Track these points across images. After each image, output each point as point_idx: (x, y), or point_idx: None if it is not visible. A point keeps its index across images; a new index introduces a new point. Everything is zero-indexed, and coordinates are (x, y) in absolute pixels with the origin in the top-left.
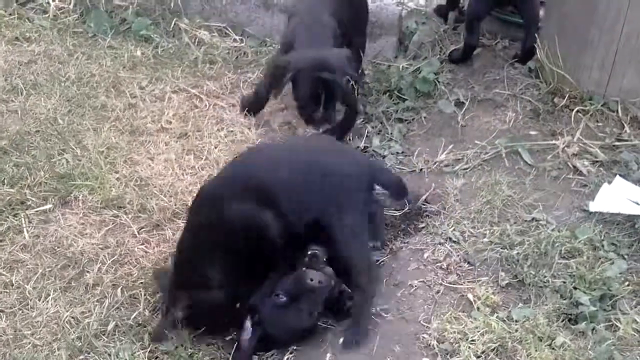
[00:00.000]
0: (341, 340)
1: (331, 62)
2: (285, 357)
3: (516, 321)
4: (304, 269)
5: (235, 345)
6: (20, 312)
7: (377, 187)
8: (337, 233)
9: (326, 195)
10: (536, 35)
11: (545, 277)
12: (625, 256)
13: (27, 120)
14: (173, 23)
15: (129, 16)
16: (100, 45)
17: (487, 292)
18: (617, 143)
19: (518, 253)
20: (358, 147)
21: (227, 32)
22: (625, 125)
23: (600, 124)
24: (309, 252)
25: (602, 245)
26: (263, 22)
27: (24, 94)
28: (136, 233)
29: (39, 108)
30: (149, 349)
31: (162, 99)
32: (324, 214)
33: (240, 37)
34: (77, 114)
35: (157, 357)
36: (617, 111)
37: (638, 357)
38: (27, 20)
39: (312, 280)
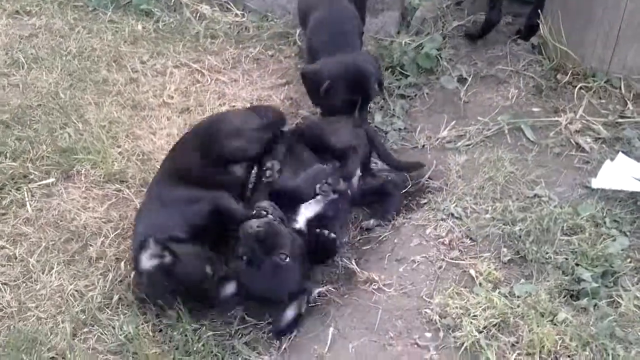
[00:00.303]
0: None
1: (365, 68)
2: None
3: (518, 297)
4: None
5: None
6: (24, 285)
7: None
8: None
9: None
10: (540, 12)
11: (547, 253)
12: (627, 233)
13: (29, 94)
14: None
15: None
16: (101, 20)
17: (489, 268)
18: (620, 120)
19: (520, 229)
20: None
21: (229, 6)
22: (628, 102)
23: (603, 100)
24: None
25: (604, 222)
26: None
27: (25, 67)
28: (139, 207)
29: (40, 82)
30: (152, 322)
31: (164, 73)
32: None
33: (242, 12)
34: (78, 88)
35: (161, 330)
36: (620, 88)
37: (639, 333)
38: None
39: (251, 228)
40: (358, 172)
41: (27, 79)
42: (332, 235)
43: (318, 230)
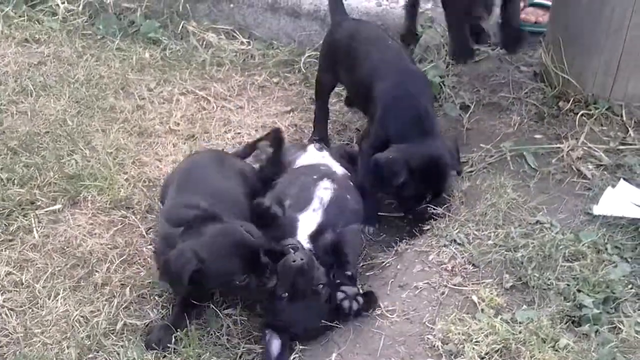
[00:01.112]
0: None
1: (445, 163)
2: (292, 357)
3: (520, 323)
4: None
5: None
6: (30, 310)
7: None
8: None
9: None
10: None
11: (549, 279)
12: (629, 259)
13: (37, 121)
14: (181, 26)
15: (138, 19)
16: (108, 47)
17: (491, 294)
18: (621, 147)
19: (522, 255)
20: None
21: (235, 34)
22: (629, 129)
23: (604, 127)
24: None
25: (606, 249)
26: (270, 24)
27: (33, 95)
28: (144, 233)
29: (48, 109)
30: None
31: (170, 100)
32: None
33: (248, 40)
34: (86, 115)
35: (165, 357)
36: (622, 115)
37: None
38: (36, 22)
39: (294, 262)
40: None
41: (35, 107)
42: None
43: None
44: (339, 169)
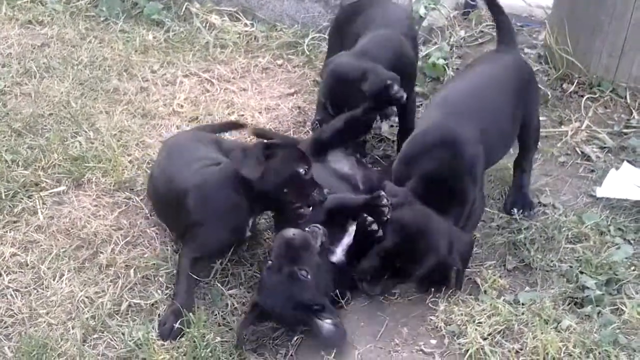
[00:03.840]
0: None
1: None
2: (295, 337)
3: (522, 304)
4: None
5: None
6: (35, 291)
7: None
8: None
9: None
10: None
11: (551, 261)
12: (632, 241)
13: (41, 103)
14: (184, 7)
15: (141, 0)
16: (112, 29)
17: (494, 275)
18: (625, 130)
19: (525, 237)
20: None
21: (238, 16)
22: (633, 111)
23: (608, 110)
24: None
25: (609, 230)
26: (273, 6)
27: (37, 77)
28: (148, 215)
29: (52, 91)
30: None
31: (174, 82)
32: None
33: (251, 22)
34: (89, 97)
35: None
36: (626, 97)
37: None
38: (40, 3)
39: (287, 233)
40: None
41: (39, 88)
42: None
43: None
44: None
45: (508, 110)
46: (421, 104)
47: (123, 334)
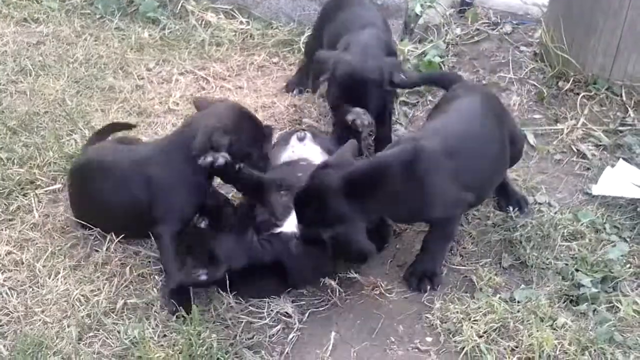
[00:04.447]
0: None
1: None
2: (291, 335)
3: (518, 302)
4: None
5: None
6: (31, 289)
7: None
8: None
9: None
10: None
11: (547, 259)
12: (627, 239)
13: (36, 101)
14: (180, 5)
15: None
16: (107, 27)
17: (489, 273)
18: (621, 127)
19: (521, 235)
20: None
21: (234, 14)
22: (629, 109)
23: (604, 108)
24: None
25: (604, 228)
26: (269, 4)
27: (32, 74)
28: None
29: (47, 89)
30: (159, 328)
31: (169, 80)
32: None
33: (247, 20)
34: (85, 95)
35: (165, 335)
36: (622, 95)
37: (638, 338)
38: (35, 1)
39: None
40: None
41: (34, 86)
42: None
43: None
44: (318, 157)
45: None
46: (418, 102)
47: (119, 332)
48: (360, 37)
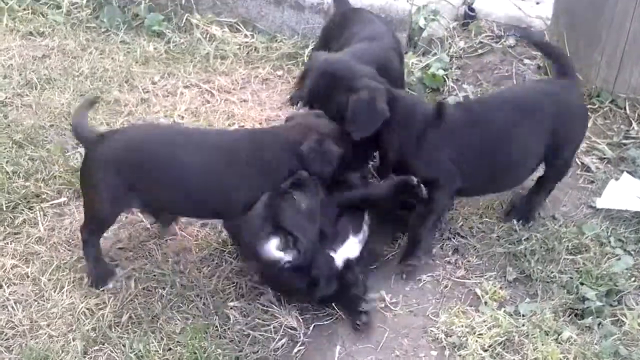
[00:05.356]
0: None
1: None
2: (296, 349)
3: (523, 315)
4: None
5: None
6: (36, 303)
7: None
8: None
9: None
10: None
11: (552, 272)
12: (632, 252)
13: (42, 114)
14: (185, 18)
15: (142, 11)
16: (113, 40)
17: (494, 286)
18: (624, 140)
19: (525, 248)
20: None
21: (238, 27)
22: (633, 122)
23: (608, 121)
24: None
25: (609, 241)
26: (273, 17)
27: (38, 88)
28: (148, 226)
29: (53, 102)
30: (164, 342)
31: (174, 93)
32: None
33: (251, 33)
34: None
35: (170, 349)
36: (625, 108)
37: None
38: (41, 15)
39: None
40: None
41: (40, 100)
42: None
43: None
44: None
45: None
46: None
47: (124, 345)
48: (356, 45)
